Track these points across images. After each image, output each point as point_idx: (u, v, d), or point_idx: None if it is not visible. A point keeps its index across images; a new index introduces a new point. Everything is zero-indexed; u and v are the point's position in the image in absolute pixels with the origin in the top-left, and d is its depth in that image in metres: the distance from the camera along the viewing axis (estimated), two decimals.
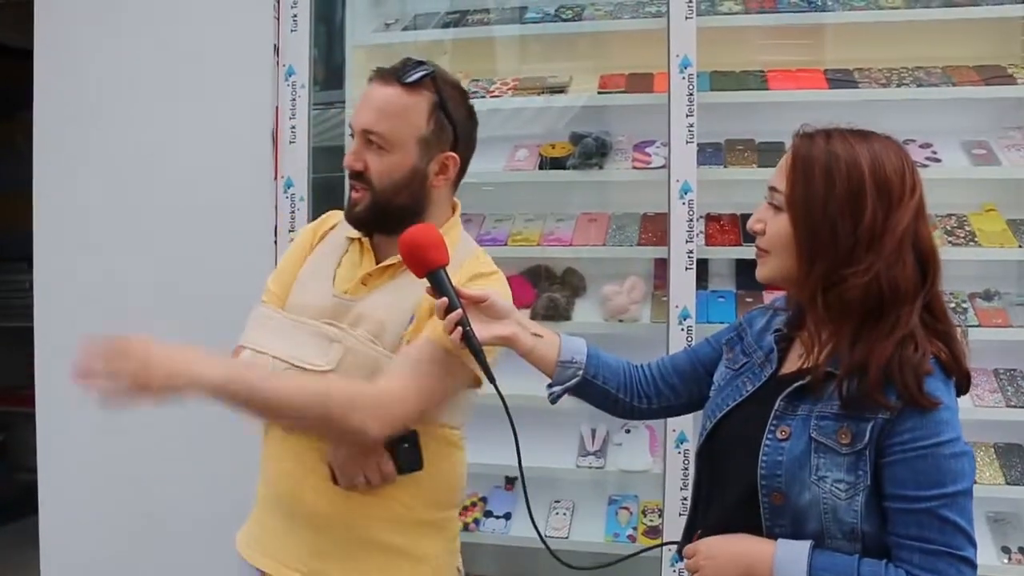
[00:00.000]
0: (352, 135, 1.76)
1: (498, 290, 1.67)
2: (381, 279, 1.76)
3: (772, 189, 1.45)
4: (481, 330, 1.55)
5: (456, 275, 1.63)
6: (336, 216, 1.91)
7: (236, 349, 1.77)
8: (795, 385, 1.41)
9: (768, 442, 1.40)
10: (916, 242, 1.37)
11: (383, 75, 1.74)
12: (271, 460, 1.80)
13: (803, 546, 1.34)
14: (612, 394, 1.68)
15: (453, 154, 1.75)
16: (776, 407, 1.41)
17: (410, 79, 1.70)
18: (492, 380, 1.58)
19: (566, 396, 1.67)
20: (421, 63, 1.74)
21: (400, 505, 1.73)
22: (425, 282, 1.59)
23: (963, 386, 1.41)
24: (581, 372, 1.64)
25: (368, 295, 1.75)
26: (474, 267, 1.75)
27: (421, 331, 1.69)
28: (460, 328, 1.53)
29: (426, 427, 1.70)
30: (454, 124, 1.74)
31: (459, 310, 1.53)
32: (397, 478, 1.68)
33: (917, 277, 1.37)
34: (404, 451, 1.68)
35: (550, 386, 1.66)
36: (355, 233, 1.80)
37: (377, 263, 1.77)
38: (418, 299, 1.68)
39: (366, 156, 1.72)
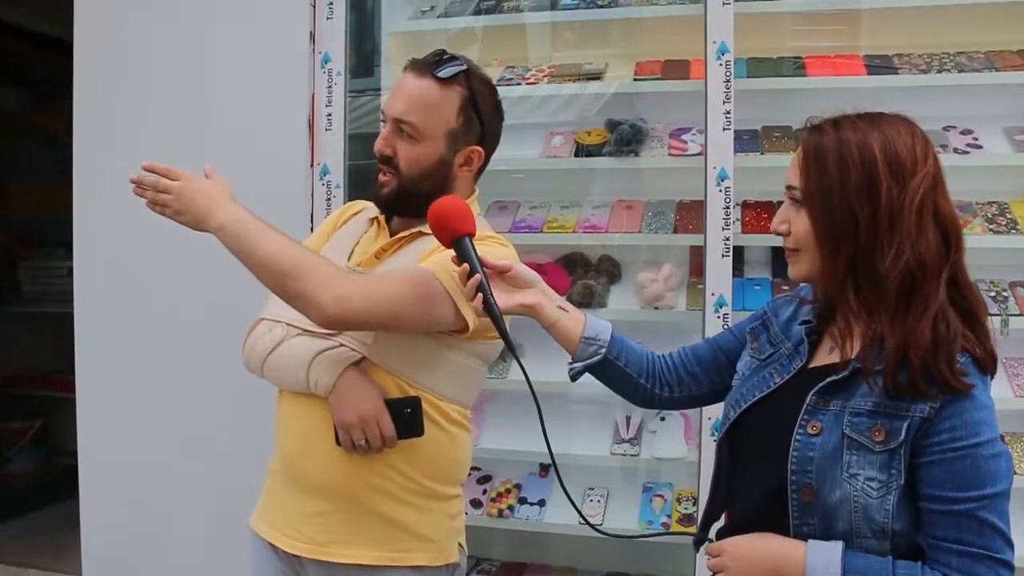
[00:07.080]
0: (384, 121, 1.82)
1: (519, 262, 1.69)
2: (392, 251, 1.82)
3: (789, 187, 1.43)
4: (504, 298, 1.55)
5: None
6: (359, 204, 2.00)
7: (256, 322, 1.85)
8: (829, 380, 1.38)
9: (799, 437, 1.36)
10: (936, 214, 1.34)
11: (417, 67, 1.81)
12: (281, 428, 1.86)
13: (835, 547, 1.31)
14: (633, 378, 1.66)
15: (479, 148, 1.83)
16: (807, 401, 1.38)
17: (443, 74, 1.77)
18: (511, 347, 1.59)
19: (598, 384, 1.67)
20: (454, 58, 1.81)
21: (401, 476, 1.76)
22: (432, 242, 1.64)
23: (991, 369, 1.37)
24: (604, 350, 1.62)
25: (379, 266, 1.80)
26: (487, 235, 1.80)
27: None
28: (481, 294, 1.52)
29: (433, 401, 1.76)
30: (482, 120, 1.82)
31: (479, 275, 1.53)
32: (397, 443, 1.72)
33: (941, 250, 1.34)
34: (406, 415, 1.72)
35: (571, 362, 1.64)
36: (376, 213, 1.88)
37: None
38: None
39: (396, 143, 1.80)
